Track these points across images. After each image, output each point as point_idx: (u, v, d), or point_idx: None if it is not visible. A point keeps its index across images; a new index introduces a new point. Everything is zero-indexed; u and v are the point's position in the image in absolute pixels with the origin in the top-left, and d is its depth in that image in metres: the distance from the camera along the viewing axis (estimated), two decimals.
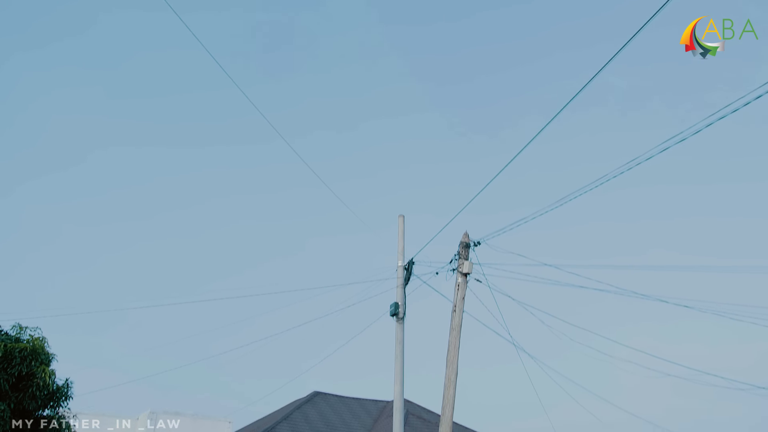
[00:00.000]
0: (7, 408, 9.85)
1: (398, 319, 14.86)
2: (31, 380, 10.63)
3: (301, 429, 27.73)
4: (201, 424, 24.05)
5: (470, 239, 14.31)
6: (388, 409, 31.63)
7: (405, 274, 15.27)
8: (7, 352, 10.42)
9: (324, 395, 33.57)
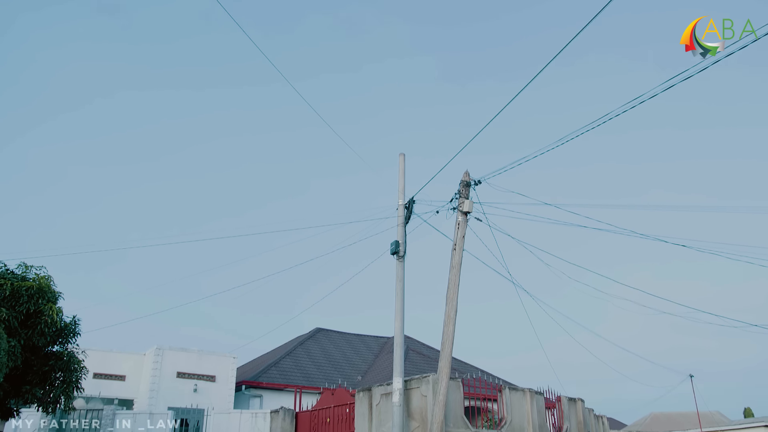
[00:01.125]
0: (17, 344, 10.07)
1: (399, 258, 15.00)
2: (39, 317, 10.82)
3: (303, 364, 28.44)
4: (206, 360, 24.64)
5: (471, 178, 14.29)
6: (388, 344, 32.37)
7: (405, 212, 15.31)
8: (14, 291, 10.57)
9: (326, 331, 34.28)
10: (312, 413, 18.37)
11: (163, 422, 19.69)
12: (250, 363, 33.13)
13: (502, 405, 16.01)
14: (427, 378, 14.20)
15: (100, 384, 23.28)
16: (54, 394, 11.78)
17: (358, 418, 15.98)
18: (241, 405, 24.23)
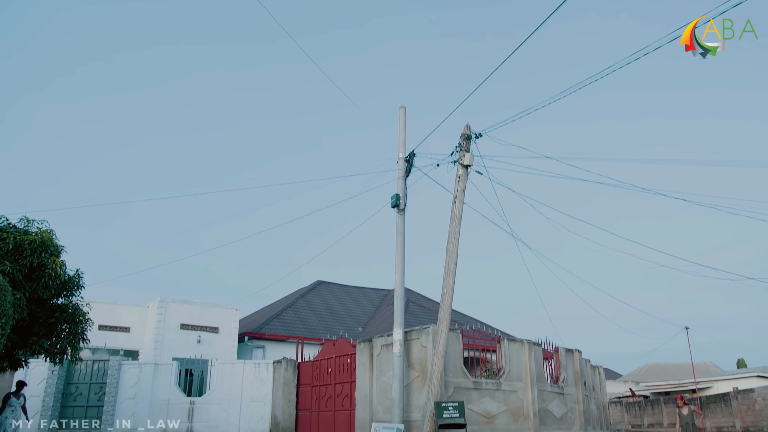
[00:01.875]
0: (23, 296, 10.19)
1: (399, 211, 15.03)
2: (43, 271, 10.91)
3: (305, 316, 28.83)
4: (209, 312, 24.98)
5: (471, 131, 14.20)
6: (389, 297, 32.75)
7: (406, 166, 15.26)
8: (18, 244, 10.62)
9: (327, 284, 34.63)
10: (314, 363, 18.74)
11: (168, 372, 20.11)
12: (252, 315, 33.60)
13: (500, 356, 16.31)
14: (427, 329, 14.43)
15: (105, 335, 23.68)
16: (60, 345, 11.98)
17: (359, 368, 16.30)
18: (244, 356, 24.69)
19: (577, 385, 19.65)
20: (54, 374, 19.50)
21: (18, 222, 11.51)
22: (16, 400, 13.85)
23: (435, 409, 12.65)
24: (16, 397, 13.90)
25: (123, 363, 20.31)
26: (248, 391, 19.56)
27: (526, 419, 15.87)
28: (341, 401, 17.05)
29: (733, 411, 30.94)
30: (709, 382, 40.06)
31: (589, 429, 19.71)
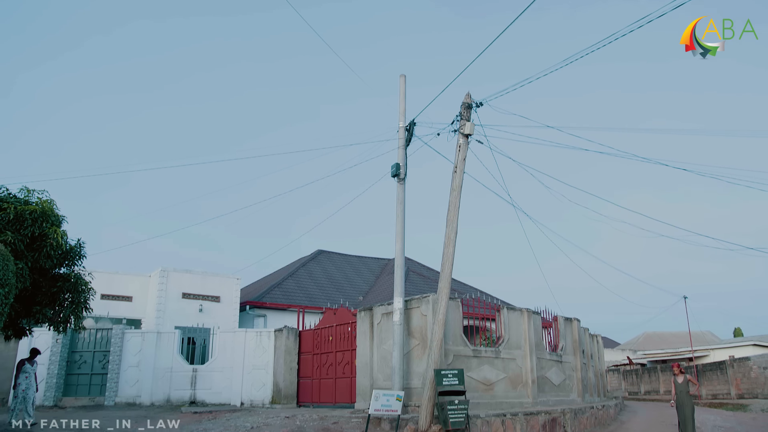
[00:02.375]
0: (25, 266, 10.23)
1: (399, 180, 15.01)
2: (44, 241, 10.94)
3: (306, 285, 29.00)
4: (210, 281, 25.13)
5: (472, 100, 14.09)
6: (389, 266, 32.91)
7: (406, 135, 15.19)
8: (18, 214, 10.63)
9: (327, 253, 34.76)
10: (315, 332, 18.92)
11: (170, 340, 20.31)
12: (253, 284, 33.81)
13: (500, 324, 16.46)
14: (427, 298, 14.53)
15: (108, 305, 23.87)
16: (64, 314, 12.08)
17: (359, 337, 16.47)
18: (246, 324, 24.92)
19: (576, 353, 19.87)
20: (58, 343, 19.70)
21: (18, 192, 11.49)
22: (30, 366, 13.99)
23: (435, 377, 12.81)
24: (30, 364, 14.03)
25: (126, 331, 20.51)
26: (250, 359, 19.79)
27: (524, 386, 16.09)
28: (342, 369, 17.27)
29: (729, 378, 31.34)
30: (706, 350, 40.46)
31: (586, 396, 20.00)
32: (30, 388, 13.81)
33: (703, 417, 20.07)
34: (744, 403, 26.33)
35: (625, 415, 21.15)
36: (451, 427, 12.38)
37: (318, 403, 17.96)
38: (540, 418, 14.61)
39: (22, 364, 14.02)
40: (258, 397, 19.33)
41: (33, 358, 14.32)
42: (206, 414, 16.51)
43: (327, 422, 13.64)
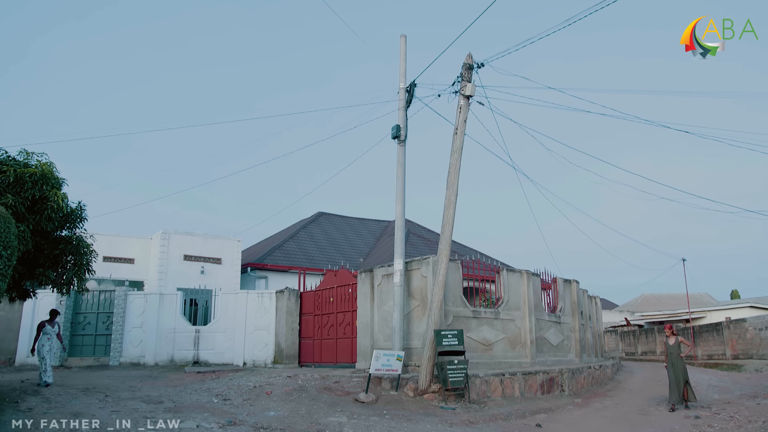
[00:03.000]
0: (26, 229, 10.26)
1: (399, 142, 14.95)
2: (45, 203, 10.93)
3: (306, 247, 29.13)
4: (211, 243, 25.24)
5: (473, 60, 13.93)
6: (389, 228, 33.00)
7: (407, 96, 15.06)
8: (18, 177, 10.60)
9: (328, 215, 34.82)
10: (316, 293, 19.09)
11: (173, 302, 20.51)
12: (254, 246, 33.97)
13: (499, 286, 16.60)
14: (427, 259, 14.62)
15: (110, 267, 24.03)
16: (66, 276, 12.17)
17: (360, 298, 16.63)
18: (247, 286, 25.12)
19: (574, 315, 20.08)
20: (62, 304, 19.90)
21: (17, 155, 11.43)
22: (51, 328, 13.99)
23: (435, 337, 12.99)
24: (51, 325, 14.04)
25: (129, 293, 20.70)
26: (252, 320, 20.01)
27: (523, 347, 16.31)
28: (343, 329, 17.48)
29: (725, 340, 31.73)
30: (703, 312, 40.83)
31: (584, 356, 20.29)
32: (52, 348, 13.82)
33: (699, 377, 20.39)
34: (739, 364, 26.72)
35: (622, 374, 21.50)
36: (451, 386, 12.60)
37: (319, 363, 18.24)
38: (538, 378, 14.85)
39: (42, 326, 14.01)
40: (260, 358, 19.62)
41: (53, 319, 14.30)
42: (209, 374, 16.78)
43: (329, 381, 13.87)
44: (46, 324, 14.00)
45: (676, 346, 13.54)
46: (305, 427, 9.76)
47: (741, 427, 10.63)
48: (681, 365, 13.30)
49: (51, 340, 13.87)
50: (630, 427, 11.13)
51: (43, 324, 14.00)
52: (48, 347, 13.69)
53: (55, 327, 14.22)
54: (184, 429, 8.79)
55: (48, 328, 13.92)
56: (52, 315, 14.39)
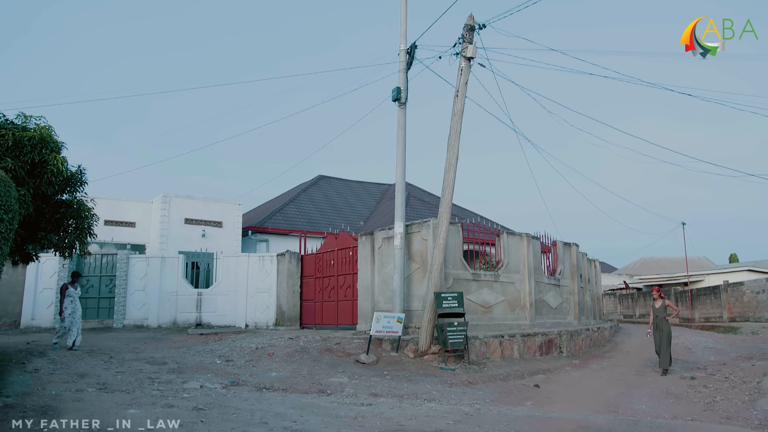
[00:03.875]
0: (27, 193, 10.25)
1: (400, 104, 14.83)
2: (45, 167, 10.89)
3: (307, 210, 29.16)
4: (212, 206, 25.26)
5: (475, 22, 13.72)
6: (390, 191, 32.97)
7: (407, 58, 14.88)
8: (17, 141, 10.54)
9: (328, 179, 34.77)
10: (317, 256, 19.19)
11: (175, 265, 20.64)
12: (255, 210, 34.01)
13: (499, 249, 16.67)
14: (427, 222, 14.66)
15: (111, 230, 24.10)
16: (68, 239, 12.19)
17: (360, 261, 16.72)
18: (248, 249, 25.22)
19: (573, 278, 20.22)
20: (65, 268, 20.03)
21: (15, 118, 11.35)
22: (74, 290, 13.96)
23: (435, 300, 13.11)
24: (73, 287, 13.99)
25: (131, 257, 20.81)
26: (253, 283, 20.16)
27: (522, 309, 16.47)
28: (344, 292, 17.63)
29: (722, 303, 32.00)
30: (701, 275, 41.10)
31: (582, 319, 20.50)
32: (76, 311, 13.81)
33: (695, 339, 20.66)
34: (735, 326, 27.02)
35: (620, 336, 21.77)
36: (450, 347, 12.77)
37: (320, 325, 18.45)
38: (537, 340, 15.04)
39: (65, 288, 13.92)
40: (262, 320, 19.84)
41: (75, 281, 14.24)
42: (212, 335, 17.00)
43: (330, 343, 14.05)
44: (69, 286, 13.95)
45: (662, 309, 13.39)
46: (307, 388, 9.93)
47: (735, 388, 10.81)
48: (667, 330, 13.19)
49: (75, 303, 13.84)
50: (627, 388, 11.31)
51: (66, 286, 13.95)
52: (71, 309, 13.67)
53: (78, 289, 14.19)
54: (187, 389, 8.94)
55: (71, 291, 13.88)
56: (74, 277, 14.31)
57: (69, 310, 13.63)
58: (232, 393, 8.90)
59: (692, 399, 10.09)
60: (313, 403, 8.28)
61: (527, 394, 10.46)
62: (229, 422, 6.48)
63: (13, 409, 6.56)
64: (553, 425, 7.18)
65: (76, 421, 6.11)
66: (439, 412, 7.93)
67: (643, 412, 8.99)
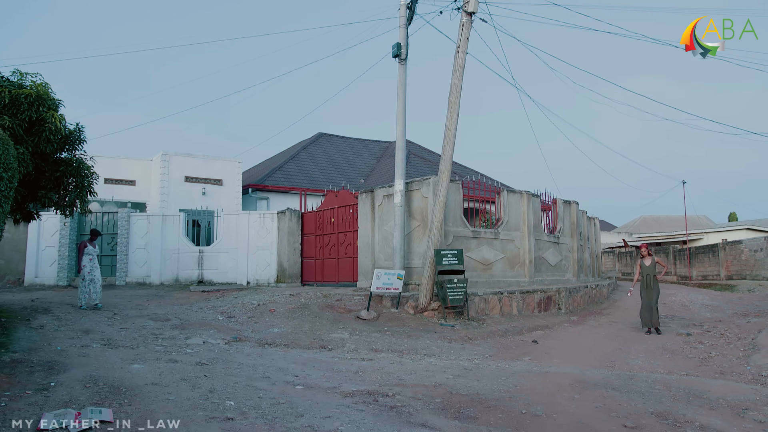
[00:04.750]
0: (26, 151, 10.20)
1: (400, 60, 14.64)
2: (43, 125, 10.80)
3: (307, 168, 29.09)
4: (212, 164, 25.18)
5: None
6: (390, 149, 32.83)
7: (408, 13, 14.63)
8: (14, 98, 10.43)
9: (328, 136, 34.58)
10: (317, 214, 19.24)
11: (176, 223, 20.70)
12: (255, 167, 33.92)
13: (499, 206, 16.70)
14: (428, 180, 14.64)
15: (112, 189, 24.09)
16: (69, 198, 12.18)
17: (361, 218, 16.77)
18: (249, 207, 25.26)
19: (573, 235, 20.31)
20: (66, 226, 20.09)
21: (11, 75, 11.20)
22: (93, 248, 13.74)
23: (435, 257, 13.19)
24: (92, 245, 13.77)
25: (132, 215, 20.85)
26: (254, 241, 20.26)
27: (521, 266, 16.60)
28: (344, 249, 17.74)
29: (720, 261, 32.20)
30: (700, 234, 41.21)
31: (581, 276, 20.68)
32: (95, 269, 13.62)
33: (692, 296, 20.86)
34: (732, 284, 27.25)
35: (618, 294, 21.98)
36: (450, 304, 12.92)
37: (321, 282, 18.62)
38: (536, 296, 15.20)
39: (84, 246, 13.69)
40: (263, 277, 20.01)
41: (94, 239, 13.95)
42: (214, 292, 17.17)
43: (331, 299, 14.21)
44: (87, 244, 13.73)
45: (652, 267, 12.89)
46: (308, 343, 10.08)
47: (731, 344, 10.98)
48: (656, 289, 12.75)
49: (93, 261, 13.66)
50: (623, 344, 11.49)
51: (85, 244, 13.74)
52: (90, 267, 13.51)
53: (96, 248, 13.96)
54: (191, 345, 9.08)
55: (90, 248, 13.67)
56: (93, 235, 14.03)
57: (88, 267, 13.48)
58: (235, 348, 9.05)
59: (688, 355, 10.25)
60: (315, 358, 8.43)
61: (525, 350, 10.63)
62: (232, 377, 6.61)
63: (21, 364, 6.68)
64: (551, 380, 7.32)
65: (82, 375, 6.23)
66: (439, 366, 8.08)
67: (639, 367, 9.15)
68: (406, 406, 5.64)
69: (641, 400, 6.32)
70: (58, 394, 5.41)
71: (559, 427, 5.23)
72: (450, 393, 6.34)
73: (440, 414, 5.48)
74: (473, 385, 6.82)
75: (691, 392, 6.80)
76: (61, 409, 4.90)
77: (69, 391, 5.53)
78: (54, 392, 5.49)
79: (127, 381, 6.06)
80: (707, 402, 6.40)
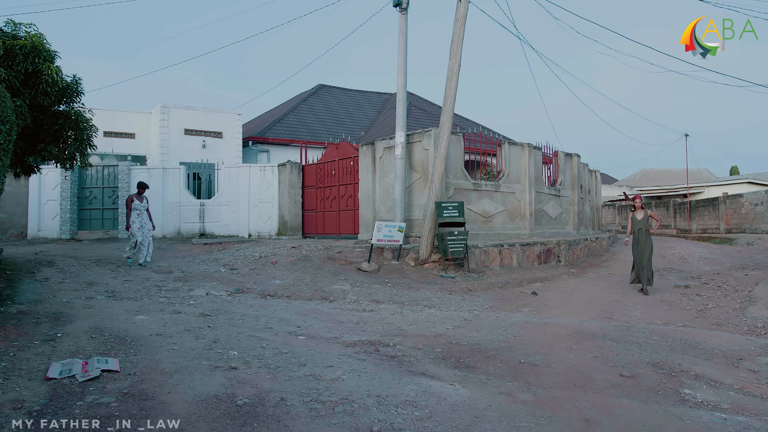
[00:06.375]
0: (23, 103, 10.10)
1: (401, 10, 14.34)
2: (39, 77, 10.64)
3: (307, 120, 28.86)
4: (211, 117, 24.99)
5: None
6: (391, 100, 32.49)
7: None
8: (8, 50, 10.25)
9: (328, 88, 34.17)
10: (318, 166, 19.19)
11: (176, 176, 20.68)
12: (255, 120, 33.66)
13: (500, 159, 16.63)
14: (429, 132, 14.55)
15: (111, 142, 23.98)
16: (68, 151, 12.12)
17: (361, 171, 16.74)
18: (249, 160, 25.17)
19: (574, 188, 20.29)
20: (67, 180, 20.08)
21: (4, 26, 10.98)
22: (140, 203, 13.17)
23: (436, 209, 13.22)
24: (139, 200, 13.21)
25: (132, 168, 20.81)
26: (255, 193, 20.27)
27: (522, 219, 16.64)
28: (345, 202, 17.76)
29: (720, 214, 32.24)
30: (701, 187, 41.12)
31: (581, 229, 20.75)
32: (144, 225, 13.06)
33: (691, 249, 20.96)
34: (731, 237, 27.36)
35: (617, 246, 22.10)
36: (451, 256, 13.01)
37: (322, 235, 18.72)
38: (536, 249, 15.30)
39: (131, 201, 13.07)
40: (265, 230, 20.10)
41: (141, 193, 13.33)
42: (216, 245, 17.28)
43: (332, 251, 14.31)
44: (134, 198, 13.15)
45: (644, 221, 12.13)
46: (310, 295, 10.20)
47: (728, 296, 11.10)
48: (649, 244, 11.98)
49: (141, 216, 13.09)
50: (622, 296, 11.62)
51: (132, 199, 13.15)
52: (139, 224, 12.99)
53: (144, 202, 13.29)
54: (194, 296, 9.19)
55: (137, 203, 13.07)
56: (141, 188, 13.41)
57: (137, 224, 12.95)
58: (237, 300, 9.16)
59: (685, 307, 10.38)
60: (316, 309, 8.54)
61: (525, 301, 10.76)
62: (235, 327, 6.71)
63: (27, 315, 6.78)
64: (549, 330, 7.43)
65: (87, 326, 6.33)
66: (439, 317, 8.19)
67: (637, 318, 9.28)
68: (406, 356, 5.75)
69: (638, 350, 6.43)
70: (64, 345, 5.51)
71: (557, 376, 5.34)
72: (450, 343, 6.45)
73: (440, 363, 5.59)
74: (473, 335, 6.93)
75: (687, 343, 6.92)
76: (69, 359, 5.00)
77: (75, 342, 5.64)
78: (61, 342, 5.59)
79: (132, 332, 6.16)
80: (703, 352, 6.51)
